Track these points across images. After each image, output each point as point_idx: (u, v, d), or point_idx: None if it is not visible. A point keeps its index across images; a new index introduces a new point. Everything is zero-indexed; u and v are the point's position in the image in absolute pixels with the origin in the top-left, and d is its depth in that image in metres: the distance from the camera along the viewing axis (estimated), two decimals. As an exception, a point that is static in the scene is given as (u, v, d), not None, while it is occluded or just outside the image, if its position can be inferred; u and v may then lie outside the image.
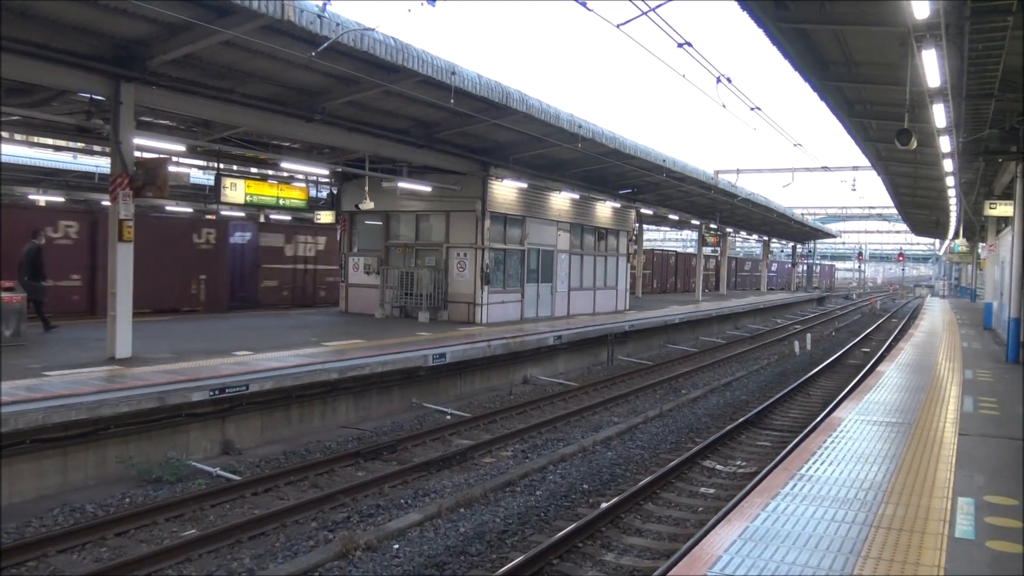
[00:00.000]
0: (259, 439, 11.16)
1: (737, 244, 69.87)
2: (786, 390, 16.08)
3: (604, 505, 8.48)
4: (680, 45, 9.72)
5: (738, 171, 31.64)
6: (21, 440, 8.32)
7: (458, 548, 7.39)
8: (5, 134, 18.22)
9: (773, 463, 9.88)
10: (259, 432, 11.20)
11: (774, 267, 58.84)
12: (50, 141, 20.47)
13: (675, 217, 35.27)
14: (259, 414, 11.17)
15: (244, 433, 10.95)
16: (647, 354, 22.78)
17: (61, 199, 28.41)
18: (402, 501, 8.86)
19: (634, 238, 31.95)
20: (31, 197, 27.95)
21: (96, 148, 19.71)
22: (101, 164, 25.10)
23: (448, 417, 13.24)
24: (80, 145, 19.84)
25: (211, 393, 10.03)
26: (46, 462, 8.68)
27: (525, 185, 20.76)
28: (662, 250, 52.77)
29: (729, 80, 11.75)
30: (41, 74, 10.77)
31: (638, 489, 9.05)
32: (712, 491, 9.59)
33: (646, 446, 11.67)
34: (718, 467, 10.70)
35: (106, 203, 16.45)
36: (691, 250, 55.59)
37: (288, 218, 29.39)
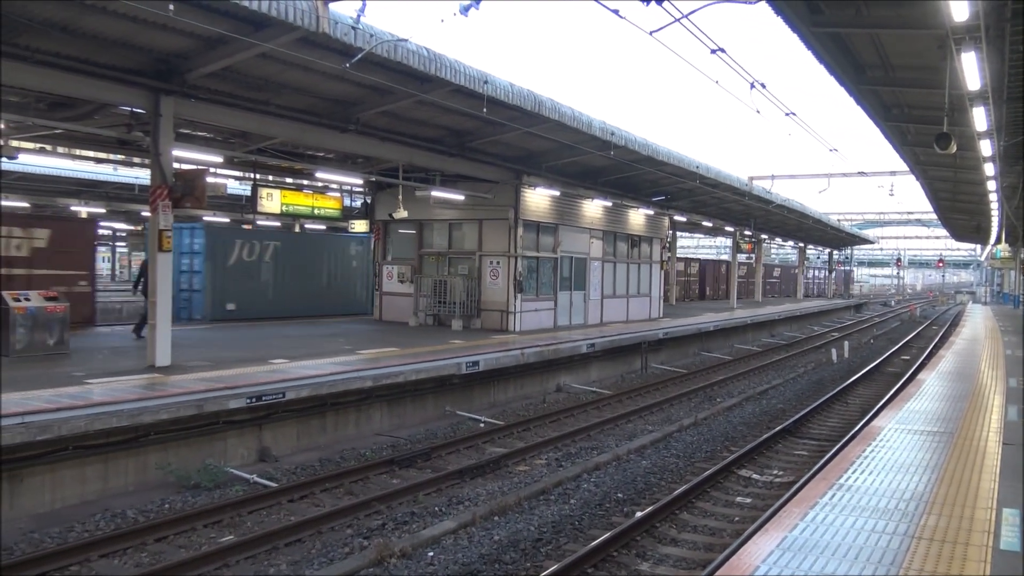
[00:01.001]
0: (295, 446, 11.27)
1: (772, 251, 69.18)
2: (823, 398, 15.85)
3: (639, 514, 8.43)
4: (713, 51, 9.67)
5: (773, 177, 31.17)
6: (64, 447, 8.49)
7: (492, 556, 7.39)
8: (48, 147, 18.67)
9: (811, 472, 9.74)
10: (295, 439, 11.31)
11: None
12: (91, 153, 20.93)
13: (709, 224, 35.03)
14: (295, 421, 11.28)
15: (280, 440, 11.07)
16: (681, 362, 22.62)
17: (102, 210, 29.02)
18: (436, 509, 8.88)
19: (667, 245, 31.77)
20: (73, 208, 28.58)
21: (136, 160, 20.10)
22: (141, 176, 25.58)
23: (482, 425, 13.26)
24: (120, 157, 20.27)
25: (248, 401, 10.16)
26: (88, 468, 8.85)
27: (557, 193, 20.77)
28: (696, 258, 52.39)
29: (763, 86, 11.66)
30: (84, 88, 11.03)
31: (673, 498, 8.98)
32: (748, 500, 9.48)
33: (681, 455, 11.58)
34: (754, 476, 10.58)
35: (146, 214, 16.76)
36: (725, 257, 55.10)
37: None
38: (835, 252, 63.69)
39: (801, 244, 53.86)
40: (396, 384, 12.62)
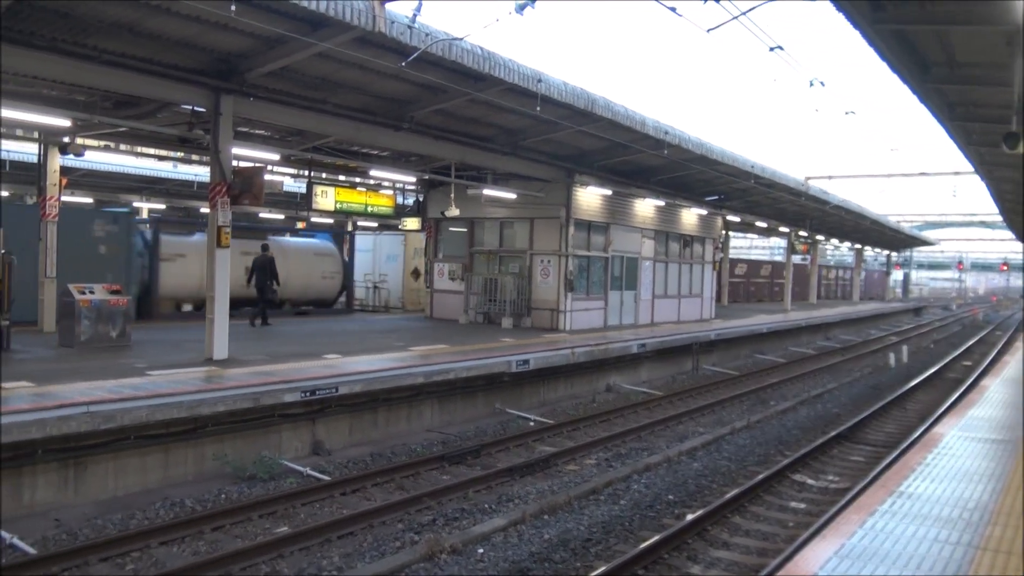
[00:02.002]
0: (347, 441, 11.41)
1: (828, 252, 67.83)
2: (881, 403, 15.48)
3: (690, 516, 8.34)
4: (772, 49, 9.54)
5: (830, 177, 30.65)
6: (126, 436, 8.73)
7: (542, 555, 7.38)
8: (111, 144, 19.20)
9: (869, 478, 9.52)
10: (347, 434, 11.45)
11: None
12: (152, 151, 21.46)
13: (763, 224, 34.48)
14: (348, 416, 11.42)
15: (333, 434, 11.22)
16: (733, 364, 22.31)
17: (163, 206, 29.80)
18: (486, 506, 8.91)
19: (720, 246, 31.39)
20: (135, 204, 29.39)
21: (194, 157, 20.56)
22: (199, 173, 26.14)
23: (531, 423, 13.26)
24: (180, 154, 20.76)
25: (302, 395, 10.32)
26: (149, 458, 9.09)
27: (609, 192, 20.66)
28: (749, 259, 51.64)
29: (823, 84, 11.45)
30: (149, 87, 11.34)
31: (725, 501, 8.86)
32: (803, 506, 9.31)
33: (733, 458, 11.42)
34: (809, 481, 10.38)
35: (205, 210, 17.14)
36: (779, 258, 54.20)
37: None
38: (894, 254, 62.23)
39: (858, 246, 52.72)
40: (447, 381, 12.69)
